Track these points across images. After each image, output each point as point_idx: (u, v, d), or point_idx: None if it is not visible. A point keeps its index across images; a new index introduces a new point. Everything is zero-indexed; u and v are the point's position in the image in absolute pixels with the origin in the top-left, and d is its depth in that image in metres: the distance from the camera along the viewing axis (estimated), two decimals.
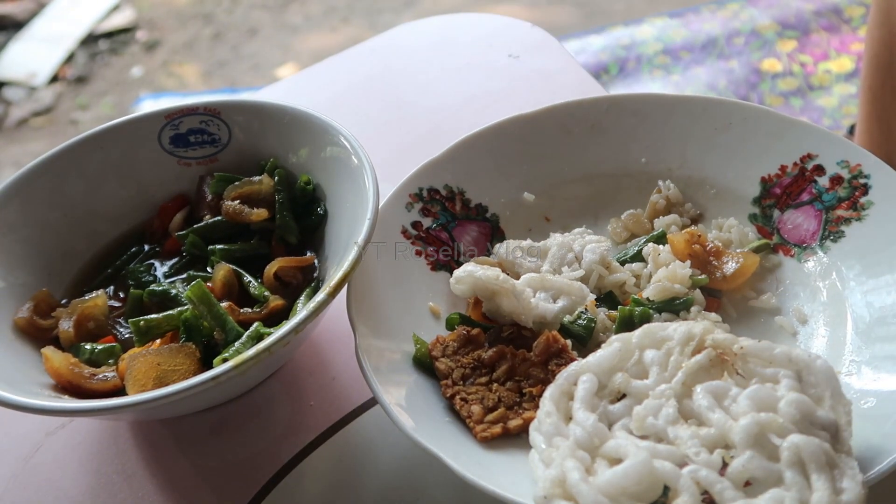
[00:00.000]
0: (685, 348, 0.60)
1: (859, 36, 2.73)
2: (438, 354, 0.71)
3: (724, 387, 0.58)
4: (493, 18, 1.30)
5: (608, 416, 0.60)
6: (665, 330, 0.62)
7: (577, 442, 0.57)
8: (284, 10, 3.80)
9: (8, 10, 3.79)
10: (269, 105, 0.87)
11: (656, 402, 0.59)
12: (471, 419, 0.67)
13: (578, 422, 0.59)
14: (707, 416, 0.57)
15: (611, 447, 0.57)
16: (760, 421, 0.55)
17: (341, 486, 0.73)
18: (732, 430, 0.55)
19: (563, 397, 0.61)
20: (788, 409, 0.55)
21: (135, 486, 0.76)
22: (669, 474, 0.54)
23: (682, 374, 0.59)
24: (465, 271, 0.74)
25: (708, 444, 0.55)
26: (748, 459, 0.53)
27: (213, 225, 0.85)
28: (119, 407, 0.64)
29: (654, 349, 0.61)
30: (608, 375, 0.61)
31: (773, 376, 0.58)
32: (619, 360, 0.62)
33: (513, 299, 0.72)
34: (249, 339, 0.72)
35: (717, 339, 0.60)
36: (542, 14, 3.36)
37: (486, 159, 0.87)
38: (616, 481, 0.54)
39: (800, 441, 0.53)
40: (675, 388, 0.59)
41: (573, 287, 0.76)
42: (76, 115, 3.37)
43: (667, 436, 0.57)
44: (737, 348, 0.60)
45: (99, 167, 0.87)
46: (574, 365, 0.63)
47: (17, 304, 0.78)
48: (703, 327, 0.61)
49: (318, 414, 0.79)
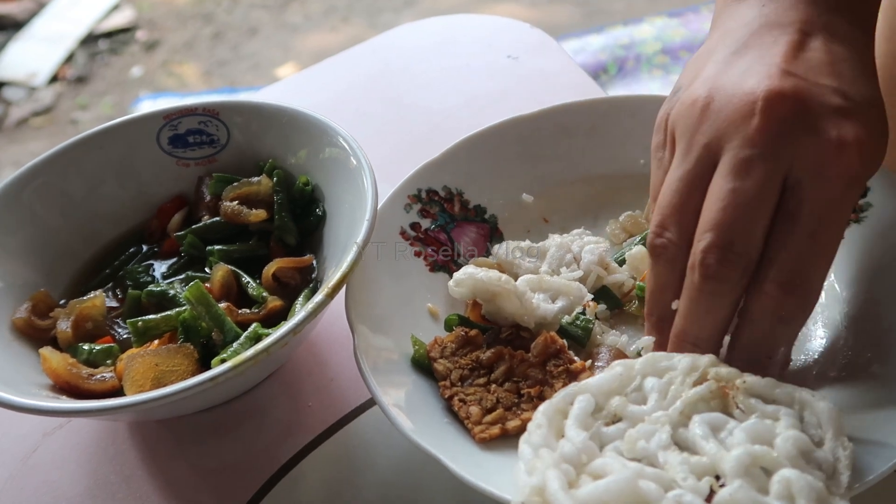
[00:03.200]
0: (687, 378, 0.60)
1: None
2: (437, 356, 0.71)
3: (722, 419, 0.57)
4: (492, 19, 1.30)
5: (601, 437, 0.59)
6: (669, 360, 0.61)
7: (563, 455, 0.57)
8: (284, 10, 3.80)
9: (8, 10, 3.79)
10: (267, 106, 0.88)
11: (650, 426, 0.58)
12: (469, 420, 0.67)
13: (569, 438, 0.58)
14: (700, 445, 0.56)
15: (597, 465, 0.56)
16: (753, 452, 0.54)
17: (340, 487, 0.73)
18: (724, 459, 0.54)
19: (557, 414, 0.61)
20: (785, 444, 0.54)
21: (133, 487, 0.76)
22: (653, 495, 0.53)
23: (681, 403, 0.58)
24: (465, 273, 0.73)
25: (697, 472, 0.54)
26: (736, 489, 0.52)
27: (212, 226, 0.85)
28: (117, 407, 0.64)
29: (656, 377, 0.61)
30: (606, 398, 0.61)
31: (774, 413, 0.57)
32: (619, 384, 0.61)
33: (515, 301, 0.72)
34: (248, 339, 0.72)
35: (720, 372, 0.60)
36: (541, 13, 3.36)
37: (484, 160, 0.87)
38: (598, 495, 0.53)
39: (791, 475, 0.52)
40: (672, 415, 0.58)
41: (571, 287, 0.76)
42: (76, 115, 3.38)
43: (657, 460, 0.56)
44: (739, 382, 0.59)
45: (98, 167, 0.87)
46: (573, 385, 0.62)
47: (14, 304, 0.78)
48: (708, 360, 0.60)
49: (316, 415, 0.79)
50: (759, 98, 0.59)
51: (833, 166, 0.58)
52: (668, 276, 0.64)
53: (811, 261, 0.59)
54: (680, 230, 0.62)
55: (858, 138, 0.58)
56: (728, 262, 0.59)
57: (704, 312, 0.61)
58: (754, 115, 0.59)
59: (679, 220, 0.62)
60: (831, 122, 0.58)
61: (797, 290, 0.59)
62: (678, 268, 0.63)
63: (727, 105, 0.61)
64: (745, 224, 0.59)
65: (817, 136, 0.58)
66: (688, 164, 0.62)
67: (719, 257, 0.59)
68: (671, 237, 0.63)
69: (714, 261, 0.59)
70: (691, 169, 0.62)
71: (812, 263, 0.59)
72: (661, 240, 0.63)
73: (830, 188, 0.58)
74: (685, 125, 0.63)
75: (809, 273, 0.59)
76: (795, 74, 0.60)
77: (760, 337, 0.61)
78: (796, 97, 0.59)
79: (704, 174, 0.61)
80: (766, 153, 0.58)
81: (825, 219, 0.59)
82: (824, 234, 0.59)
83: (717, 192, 0.60)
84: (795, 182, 0.59)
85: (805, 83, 0.60)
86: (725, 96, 0.61)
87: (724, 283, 0.60)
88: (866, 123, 0.59)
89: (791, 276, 0.59)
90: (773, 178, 0.59)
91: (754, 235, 0.59)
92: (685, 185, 0.62)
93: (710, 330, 0.62)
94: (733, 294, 0.61)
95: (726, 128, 0.60)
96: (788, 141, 0.58)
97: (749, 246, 0.59)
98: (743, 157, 0.59)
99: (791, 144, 0.58)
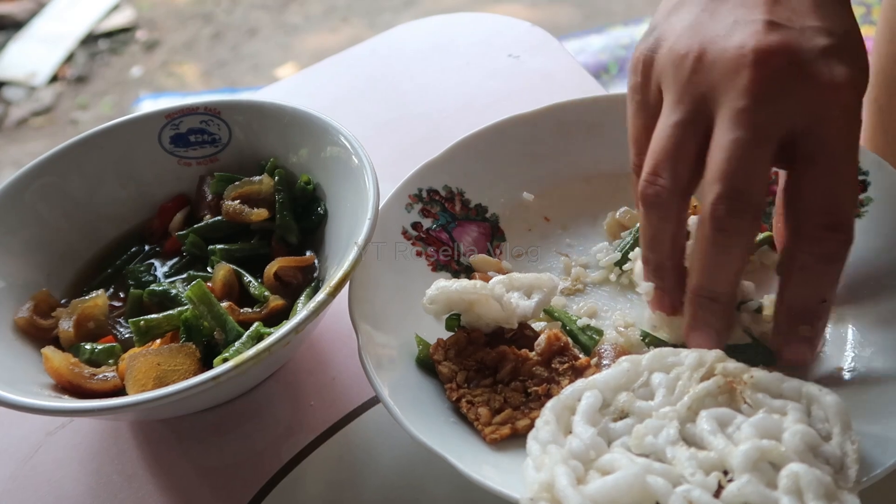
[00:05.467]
0: (694, 374, 0.60)
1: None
2: (440, 358, 0.71)
3: (730, 414, 0.58)
4: (492, 18, 1.30)
5: (608, 433, 0.59)
6: (676, 356, 0.61)
7: (571, 451, 0.57)
8: (284, 10, 3.81)
9: (8, 10, 3.79)
10: (269, 105, 0.88)
11: (658, 422, 0.58)
12: (479, 422, 0.67)
13: (577, 434, 0.58)
14: (708, 440, 0.56)
15: (605, 461, 0.56)
16: (762, 447, 0.54)
17: (342, 486, 0.73)
18: (732, 454, 0.54)
19: (564, 411, 0.61)
20: (793, 439, 0.55)
21: (135, 486, 0.76)
22: (661, 490, 0.53)
23: (689, 398, 0.58)
24: (436, 289, 0.71)
25: (705, 467, 0.55)
26: (745, 483, 0.52)
27: (214, 225, 0.85)
28: (119, 407, 0.64)
29: (664, 373, 0.61)
30: (614, 394, 0.61)
31: (781, 408, 0.58)
32: (626, 379, 0.61)
33: (494, 304, 0.71)
34: (249, 339, 0.72)
35: (727, 367, 0.60)
36: (542, 14, 3.36)
37: (485, 160, 0.87)
38: (606, 490, 0.53)
39: (800, 469, 0.53)
40: (680, 411, 0.58)
41: (543, 280, 0.75)
42: (76, 115, 3.37)
43: (665, 456, 0.56)
44: (747, 377, 0.59)
45: (99, 167, 0.87)
46: (580, 381, 0.62)
47: (16, 304, 0.78)
48: (715, 355, 0.60)
49: (318, 414, 0.79)
50: (750, 53, 0.61)
51: (834, 106, 0.61)
52: (663, 222, 0.66)
53: (841, 194, 0.62)
54: (673, 175, 0.64)
55: (849, 76, 0.61)
56: (737, 211, 0.61)
57: (719, 265, 0.63)
58: (747, 68, 0.61)
59: (672, 167, 0.64)
60: (823, 65, 0.61)
61: (837, 226, 0.62)
62: (672, 213, 0.65)
63: (720, 59, 0.63)
64: (750, 171, 0.61)
65: (812, 83, 0.61)
66: (680, 113, 0.64)
67: (728, 206, 0.61)
68: (664, 183, 0.64)
69: (724, 212, 0.61)
70: (684, 117, 0.64)
71: (842, 196, 0.62)
72: (654, 186, 0.65)
73: (837, 126, 0.61)
74: (676, 76, 0.65)
75: (842, 206, 0.62)
76: (780, 24, 0.63)
77: (811, 281, 0.63)
78: (785, 49, 0.62)
79: (698, 122, 0.63)
80: (763, 102, 0.61)
81: (841, 154, 0.61)
82: (845, 168, 0.62)
83: (720, 144, 0.61)
84: (803, 129, 0.61)
85: (790, 32, 0.62)
86: (717, 50, 0.63)
87: (735, 234, 0.62)
88: (852, 57, 0.63)
89: (827, 214, 0.61)
90: (773, 126, 0.61)
91: (760, 182, 0.61)
92: (678, 132, 0.64)
93: (726, 283, 0.64)
94: (746, 243, 0.63)
95: (720, 80, 0.62)
96: (786, 92, 0.61)
97: (756, 193, 0.61)
98: (741, 108, 0.61)
99: (789, 95, 0.61)
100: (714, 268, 0.63)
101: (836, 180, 0.62)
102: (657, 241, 0.67)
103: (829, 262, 0.63)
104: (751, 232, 0.62)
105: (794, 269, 0.63)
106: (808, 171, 0.62)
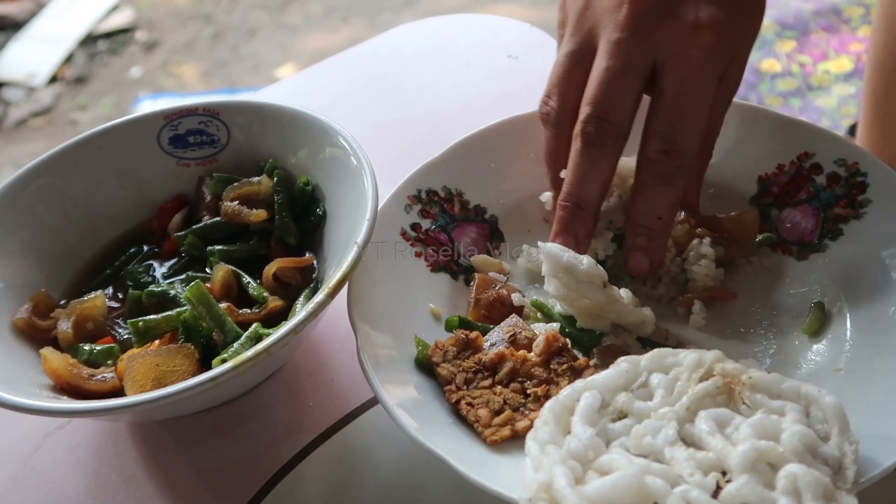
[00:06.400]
0: (693, 374, 0.60)
1: (858, 36, 2.73)
2: (439, 360, 0.71)
3: (728, 415, 0.58)
4: (492, 19, 1.30)
5: (607, 433, 0.59)
6: (675, 356, 0.62)
7: (570, 452, 0.57)
8: (284, 11, 3.81)
9: (7, 11, 3.79)
10: (268, 106, 0.88)
11: (657, 422, 0.58)
12: (479, 423, 0.67)
13: (575, 434, 0.58)
14: (707, 441, 0.56)
15: (604, 461, 0.56)
16: (760, 448, 0.54)
17: (340, 487, 0.73)
18: (730, 455, 0.54)
19: (563, 411, 0.61)
20: (791, 440, 0.55)
21: (133, 487, 0.76)
22: (659, 491, 0.53)
23: (687, 399, 0.58)
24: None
25: (704, 468, 0.55)
26: (743, 484, 0.53)
27: (212, 226, 0.85)
28: (118, 408, 0.64)
29: (662, 373, 0.61)
30: (612, 394, 0.61)
31: (780, 409, 0.58)
32: (625, 380, 0.62)
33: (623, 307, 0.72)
34: (248, 339, 0.72)
35: (726, 368, 0.60)
36: (542, 14, 3.36)
37: (484, 160, 0.87)
38: (604, 491, 0.53)
39: (798, 470, 0.53)
40: (678, 411, 0.58)
41: (639, 313, 0.73)
42: (75, 116, 3.37)
43: (663, 456, 0.56)
44: (745, 378, 0.59)
45: (98, 168, 0.87)
46: (579, 382, 0.62)
47: (15, 304, 0.78)
48: (714, 356, 0.61)
49: (317, 414, 0.79)
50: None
51: (691, 45, 0.69)
52: (554, 140, 0.77)
53: (679, 125, 0.70)
54: (561, 100, 0.76)
55: (714, 17, 0.69)
56: (603, 129, 0.71)
57: (586, 175, 0.73)
58: (625, 5, 0.70)
59: (560, 92, 0.76)
60: (690, 6, 0.69)
61: (672, 152, 0.71)
62: (562, 133, 0.76)
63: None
64: (617, 96, 0.71)
65: (676, 20, 0.69)
66: (570, 45, 0.75)
67: (596, 125, 0.71)
68: (553, 105, 0.76)
69: (592, 129, 0.71)
70: (573, 48, 0.75)
71: (680, 128, 0.70)
72: (545, 108, 0.77)
73: (689, 63, 0.69)
74: (572, 12, 0.75)
75: (678, 135, 0.70)
76: None
77: (649, 198, 0.73)
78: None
79: (584, 53, 0.73)
80: (632, 36, 0.70)
81: (687, 89, 0.70)
82: (687, 102, 0.70)
83: (594, 72, 0.72)
84: (661, 63, 0.70)
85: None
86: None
87: (601, 148, 0.72)
88: (723, 4, 0.70)
89: (665, 140, 0.70)
90: (639, 57, 0.70)
91: (625, 106, 0.71)
92: (566, 61, 0.75)
93: (591, 193, 0.74)
94: (610, 158, 0.73)
95: (602, 15, 0.72)
96: (652, 26, 0.70)
97: (621, 116, 0.71)
98: (614, 40, 0.70)
99: (655, 30, 0.70)
100: (582, 177, 0.73)
101: (676, 111, 0.70)
102: (550, 157, 0.79)
103: (664, 182, 0.72)
104: (615, 149, 0.72)
105: (637, 186, 0.73)
106: (657, 101, 0.71)
